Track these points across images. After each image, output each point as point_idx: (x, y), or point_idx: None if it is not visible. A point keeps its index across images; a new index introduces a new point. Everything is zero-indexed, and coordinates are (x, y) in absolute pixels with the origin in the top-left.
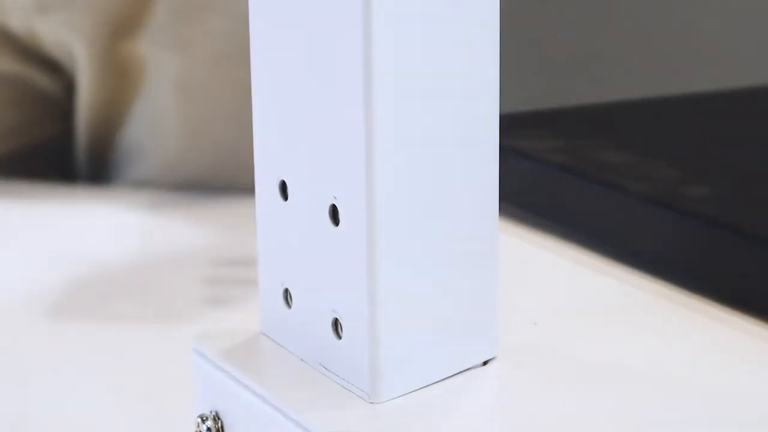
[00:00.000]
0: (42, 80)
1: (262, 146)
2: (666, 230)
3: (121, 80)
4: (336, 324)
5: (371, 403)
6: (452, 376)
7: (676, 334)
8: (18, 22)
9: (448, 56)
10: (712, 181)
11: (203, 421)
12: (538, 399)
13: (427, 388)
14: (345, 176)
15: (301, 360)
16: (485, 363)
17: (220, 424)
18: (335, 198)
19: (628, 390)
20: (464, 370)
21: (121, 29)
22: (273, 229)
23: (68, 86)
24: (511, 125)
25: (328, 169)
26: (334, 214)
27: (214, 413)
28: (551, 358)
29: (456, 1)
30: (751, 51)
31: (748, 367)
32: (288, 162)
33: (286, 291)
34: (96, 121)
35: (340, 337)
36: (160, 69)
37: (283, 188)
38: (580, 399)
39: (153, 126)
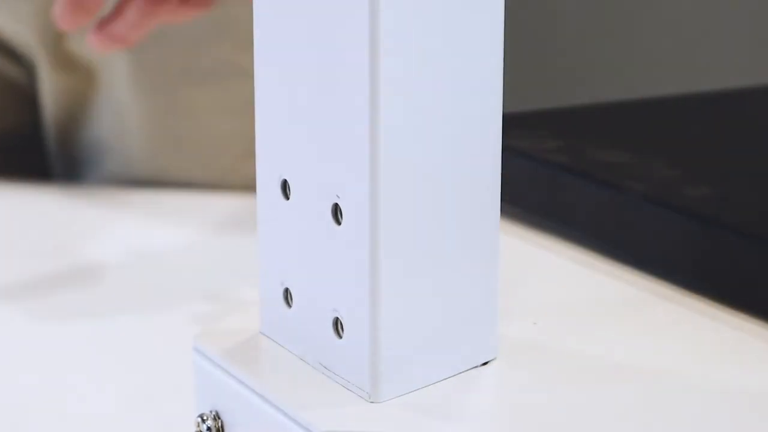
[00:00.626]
0: (6, 68)
1: (263, 144)
2: (666, 230)
3: (78, 74)
4: (337, 323)
5: (371, 402)
6: (452, 376)
7: (675, 334)
8: None
9: (453, 57)
10: (712, 181)
11: (203, 421)
12: (538, 399)
13: (428, 387)
14: (348, 175)
15: (301, 359)
16: (485, 363)
17: (220, 424)
18: (338, 197)
19: (628, 389)
20: (464, 371)
21: None
22: (274, 228)
23: (32, 76)
24: (511, 125)
25: (331, 168)
26: (336, 213)
27: (214, 412)
28: (551, 358)
29: (461, 2)
30: (751, 51)
31: (747, 366)
32: (290, 161)
33: (287, 290)
34: (60, 115)
35: (340, 337)
36: (112, 63)
37: (285, 187)
38: (579, 398)
39: (114, 121)
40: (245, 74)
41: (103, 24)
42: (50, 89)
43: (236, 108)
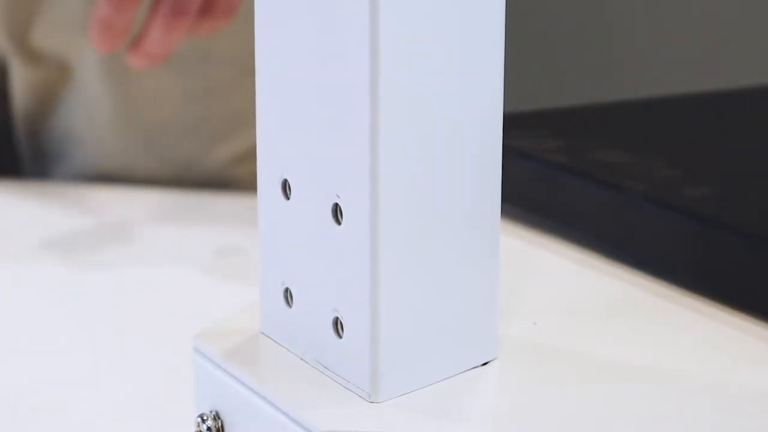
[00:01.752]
0: None
1: (264, 144)
2: (666, 230)
3: (48, 68)
4: (337, 323)
5: (371, 402)
6: (452, 376)
7: (675, 334)
8: None
9: (453, 56)
10: (712, 181)
11: (203, 421)
12: (538, 399)
13: (427, 388)
14: (349, 175)
15: (301, 359)
16: (485, 363)
17: (220, 424)
18: (338, 197)
19: (628, 389)
20: (464, 371)
21: (31, 14)
22: (274, 228)
23: (3, 71)
24: (511, 125)
25: (332, 167)
26: (336, 213)
27: (214, 413)
28: (551, 358)
29: (461, 2)
30: (751, 51)
31: (747, 366)
32: (291, 160)
33: (287, 290)
34: (30, 109)
35: (340, 337)
36: (82, 54)
37: (286, 187)
38: (579, 398)
39: (83, 113)
40: (210, 59)
41: (136, 43)
42: (20, 83)
43: (202, 93)
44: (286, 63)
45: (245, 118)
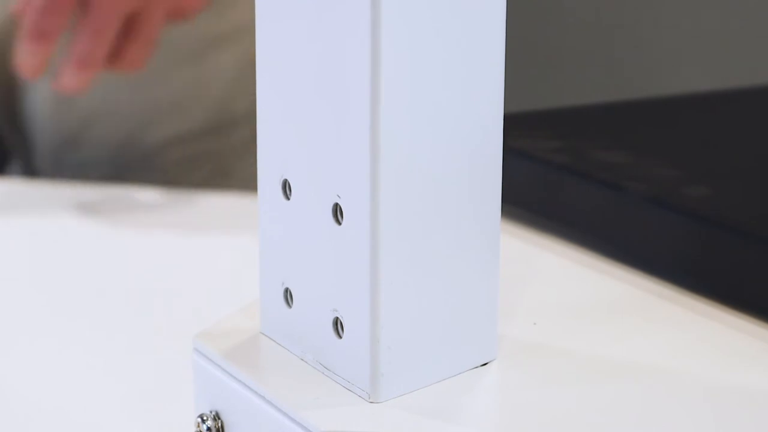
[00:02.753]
0: None
1: (264, 144)
2: (666, 230)
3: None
4: (337, 323)
5: (371, 402)
6: (452, 376)
7: (675, 334)
8: None
9: (454, 56)
10: (712, 181)
11: (203, 421)
12: (538, 399)
13: (428, 388)
14: (349, 175)
15: (301, 359)
16: (485, 363)
17: (220, 424)
18: (339, 197)
19: (628, 389)
20: (464, 371)
21: None
22: (274, 228)
23: None
24: (511, 125)
25: (332, 167)
26: (336, 213)
27: (214, 413)
28: (551, 358)
29: (462, 4)
30: (751, 51)
31: (746, 365)
32: (291, 161)
33: (287, 290)
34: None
35: (340, 337)
36: None
37: (286, 187)
38: (579, 399)
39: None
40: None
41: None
42: None
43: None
44: (287, 63)
45: None
